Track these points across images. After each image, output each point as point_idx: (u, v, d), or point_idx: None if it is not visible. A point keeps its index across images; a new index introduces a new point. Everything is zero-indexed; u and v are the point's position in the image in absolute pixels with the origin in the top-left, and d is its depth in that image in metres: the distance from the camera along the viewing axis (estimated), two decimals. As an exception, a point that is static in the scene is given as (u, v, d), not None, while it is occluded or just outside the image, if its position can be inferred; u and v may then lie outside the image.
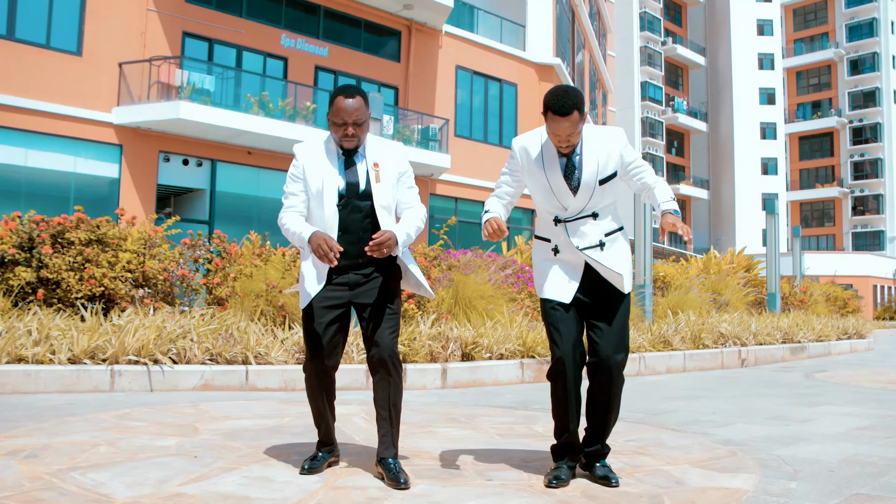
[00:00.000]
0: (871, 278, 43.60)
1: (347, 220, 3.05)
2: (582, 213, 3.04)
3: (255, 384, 5.61)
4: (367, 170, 3.09)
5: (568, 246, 3.06)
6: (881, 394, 6.37)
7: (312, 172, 3.08)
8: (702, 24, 61.52)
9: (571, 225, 3.04)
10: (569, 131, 2.88)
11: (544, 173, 3.02)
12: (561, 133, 2.89)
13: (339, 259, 2.97)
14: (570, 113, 2.85)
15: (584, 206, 3.03)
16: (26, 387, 4.97)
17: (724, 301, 12.41)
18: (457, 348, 6.59)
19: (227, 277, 7.01)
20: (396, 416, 3.05)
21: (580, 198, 3.01)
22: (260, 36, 17.81)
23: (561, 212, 3.05)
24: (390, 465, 2.96)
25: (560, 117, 2.86)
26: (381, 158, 3.13)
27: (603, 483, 2.98)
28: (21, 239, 6.30)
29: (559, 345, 2.99)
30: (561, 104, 2.84)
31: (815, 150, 61.98)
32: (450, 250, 8.82)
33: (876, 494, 2.95)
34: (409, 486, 2.87)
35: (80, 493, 2.67)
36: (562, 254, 3.08)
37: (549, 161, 3.01)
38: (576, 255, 3.06)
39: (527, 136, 3.12)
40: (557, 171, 3.00)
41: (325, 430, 3.17)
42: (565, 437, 3.07)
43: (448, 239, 9.22)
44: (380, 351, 3.00)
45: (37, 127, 14.37)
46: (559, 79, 24.92)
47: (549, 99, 2.88)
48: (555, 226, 3.07)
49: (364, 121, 3.04)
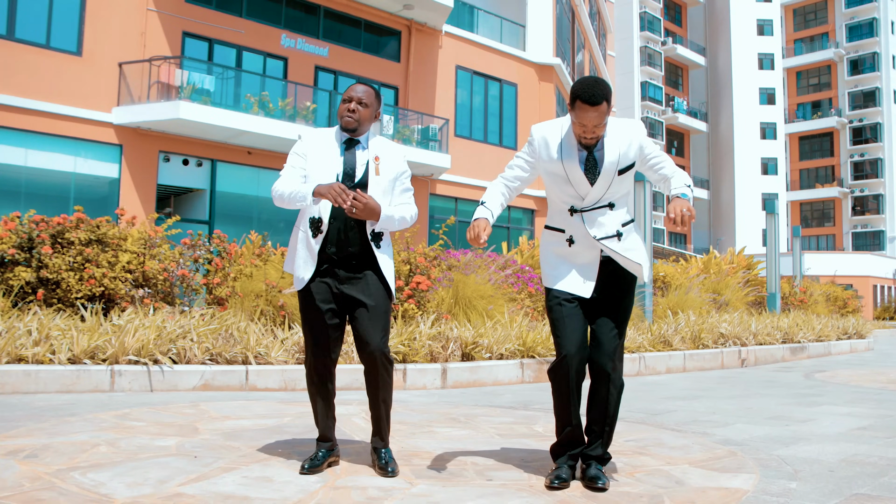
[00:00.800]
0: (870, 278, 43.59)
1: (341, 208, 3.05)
2: (599, 202, 3.00)
3: (255, 384, 5.61)
4: (368, 160, 3.13)
5: (584, 237, 3.00)
6: (881, 394, 6.37)
7: (315, 156, 3.13)
8: (702, 24, 61.51)
9: (588, 215, 3.00)
10: (596, 122, 2.85)
11: (562, 163, 2.97)
12: (588, 123, 2.85)
13: (329, 248, 3.05)
14: (599, 103, 2.81)
15: (601, 195, 2.99)
16: (26, 387, 4.97)
17: (724, 301, 12.41)
18: (457, 348, 6.59)
19: (227, 277, 7.01)
20: (387, 411, 3.18)
21: (598, 187, 2.96)
22: (260, 36, 17.81)
23: (577, 201, 3.00)
24: (381, 454, 3.13)
25: (589, 107, 2.82)
26: (382, 154, 3.18)
27: (590, 482, 2.92)
28: (21, 239, 6.30)
29: (564, 342, 2.95)
30: (591, 94, 2.81)
31: (815, 150, 61.97)
32: (450, 250, 8.82)
33: (876, 494, 2.95)
34: (395, 474, 3.04)
35: (80, 493, 2.67)
36: (577, 245, 3.02)
37: (567, 152, 2.97)
38: (591, 248, 3.01)
39: (547, 125, 3.07)
40: (575, 162, 2.95)
41: (324, 426, 3.19)
42: (567, 433, 3.05)
43: (448, 239, 9.22)
44: (371, 351, 3.07)
45: (37, 127, 14.36)
46: (559, 79, 24.92)
47: (578, 88, 2.83)
48: (570, 216, 3.02)
49: (368, 105, 3.12)
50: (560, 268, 3.04)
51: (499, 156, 22.51)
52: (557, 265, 3.05)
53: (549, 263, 3.08)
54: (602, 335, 3.00)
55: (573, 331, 2.96)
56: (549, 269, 3.08)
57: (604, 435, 3.05)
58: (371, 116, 3.16)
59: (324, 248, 3.08)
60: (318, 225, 3.07)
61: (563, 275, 3.02)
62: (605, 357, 2.97)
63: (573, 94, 2.86)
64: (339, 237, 3.07)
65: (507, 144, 23.08)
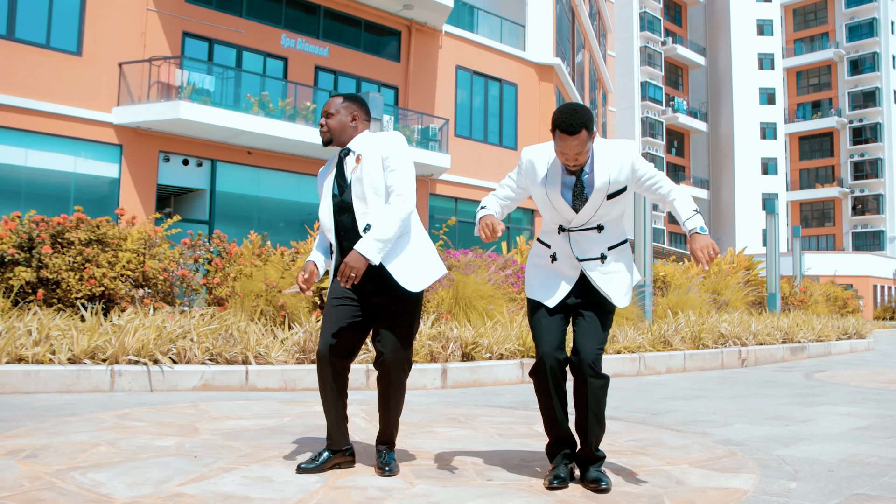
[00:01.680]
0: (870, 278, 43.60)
1: (341, 221, 3.10)
2: (587, 225, 3.02)
3: (255, 384, 5.61)
4: (352, 165, 3.11)
5: (568, 257, 3.04)
6: (881, 394, 6.37)
7: (321, 179, 3.22)
8: (702, 24, 61.52)
9: (575, 235, 3.03)
10: (576, 150, 2.84)
11: (545, 189, 3.00)
12: (569, 152, 2.85)
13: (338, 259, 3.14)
14: (578, 132, 2.81)
15: (588, 219, 3.01)
16: (26, 387, 4.97)
17: (724, 301, 12.41)
18: (457, 348, 6.59)
19: (227, 277, 7.01)
20: (396, 414, 3.18)
21: (585, 212, 2.99)
22: (260, 36, 17.81)
23: (565, 222, 3.04)
24: (382, 453, 3.15)
25: (568, 136, 2.82)
26: (363, 150, 3.10)
27: (593, 485, 2.91)
28: (21, 239, 6.30)
29: (541, 344, 3.00)
30: (569, 123, 2.80)
31: (815, 150, 61.98)
32: (450, 250, 8.82)
33: (876, 494, 2.95)
34: (392, 473, 3.04)
35: (80, 493, 2.67)
36: (559, 262, 3.07)
37: (552, 179, 2.99)
38: (572, 268, 3.05)
39: (536, 149, 3.08)
40: (558, 189, 2.98)
41: (331, 426, 3.14)
42: (555, 431, 3.06)
43: (448, 239, 9.22)
44: (386, 356, 3.06)
45: (37, 127, 14.37)
46: (559, 79, 24.92)
47: (557, 117, 2.84)
48: (558, 233, 3.06)
49: (334, 113, 3.12)
50: (539, 278, 3.11)
51: (499, 156, 22.51)
52: (537, 275, 3.12)
53: (531, 272, 3.16)
54: (582, 338, 2.99)
55: (549, 332, 3.00)
56: (530, 278, 3.16)
57: (588, 433, 3.00)
58: (346, 122, 3.11)
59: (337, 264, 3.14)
60: (329, 248, 3.23)
61: (542, 285, 3.08)
62: (584, 362, 2.95)
63: (553, 123, 2.86)
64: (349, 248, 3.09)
65: (506, 144, 23.08)
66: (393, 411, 3.17)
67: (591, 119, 2.85)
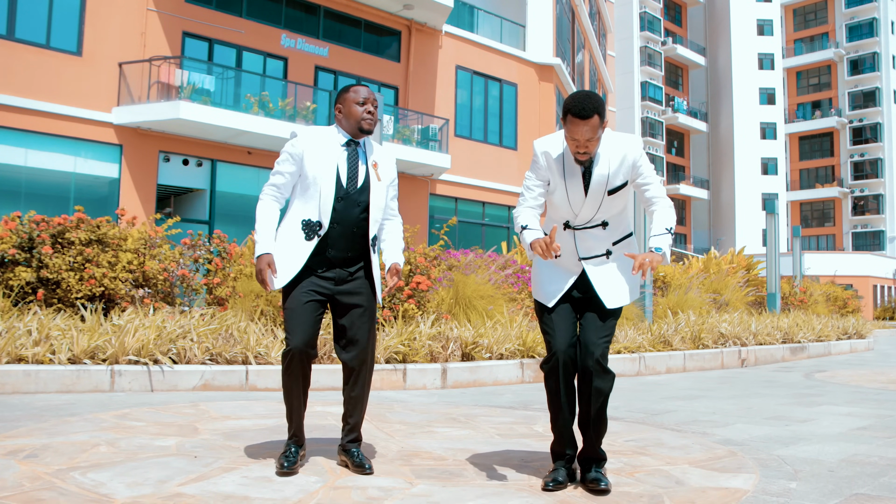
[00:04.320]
0: (870, 278, 43.59)
1: (344, 213, 3.08)
2: (591, 221, 3.02)
3: (255, 384, 5.61)
4: (368, 168, 3.16)
5: (572, 254, 3.05)
6: (881, 394, 6.37)
7: (312, 158, 3.09)
8: (702, 24, 61.51)
9: (580, 233, 3.03)
10: (587, 136, 2.83)
11: (563, 180, 2.98)
12: (580, 137, 2.84)
13: (329, 251, 3.08)
14: (590, 116, 2.80)
15: (593, 215, 3.00)
16: (26, 387, 4.97)
17: (724, 301, 12.41)
18: (457, 348, 6.59)
19: (227, 277, 7.01)
20: (362, 409, 3.21)
21: (589, 206, 2.98)
22: (260, 36, 17.81)
23: (572, 218, 3.03)
24: (354, 453, 3.14)
25: (580, 120, 2.81)
26: (379, 160, 3.23)
27: (592, 486, 2.90)
28: (21, 239, 6.30)
29: (554, 340, 3.00)
30: (582, 107, 2.80)
31: (815, 150, 61.97)
32: (450, 250, 8.82)
33: (876, 494, 2.95)
34: (373, 471, 3.07)
35: (80, 493, 2.67)
36: (563, 258, 3.06)
37: (569, 167, 2.97)
38: (576, 265, 3.06)
39: (548, 140, 3.05)
40: (578, 178, 2.96)
41: (299, 423, 3.15)
42: (559, 428, 3.05)
43: (448, 239, 9.22)
44: (359, 353, 3.12)
45: (37, 127, 14.37)
46: (559, 79, 24.92)
47: (569, 102, 2.83)
48: (563, 230, 3.05)
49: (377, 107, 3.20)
50: (545, 279, 3.10)
51: (499, 156, 22.51)
52: (543, 275, 3.11)
53: (537, 273, 3.16)
54: (589, 333, 3.00)
55: (560, 329, 3.00)
56: (536, 278, 3.16)
57: (591, 431, 3.00)
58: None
59: (320, 251, 3.07)
60: (316, 229, 3.06)
61: (548, 286, 3.08)
62: (591, 356, 2.96)
63: (565, 108, 2.85)
64: (341, 241, 3.09)
65: (507, 144, 23.08)
66: (363, 410, 3.22)
67: (603, 106, 2.85)
